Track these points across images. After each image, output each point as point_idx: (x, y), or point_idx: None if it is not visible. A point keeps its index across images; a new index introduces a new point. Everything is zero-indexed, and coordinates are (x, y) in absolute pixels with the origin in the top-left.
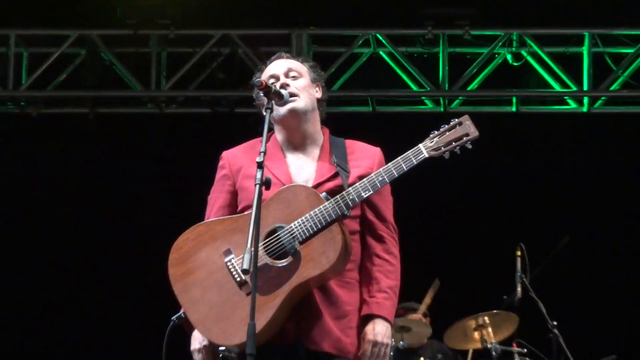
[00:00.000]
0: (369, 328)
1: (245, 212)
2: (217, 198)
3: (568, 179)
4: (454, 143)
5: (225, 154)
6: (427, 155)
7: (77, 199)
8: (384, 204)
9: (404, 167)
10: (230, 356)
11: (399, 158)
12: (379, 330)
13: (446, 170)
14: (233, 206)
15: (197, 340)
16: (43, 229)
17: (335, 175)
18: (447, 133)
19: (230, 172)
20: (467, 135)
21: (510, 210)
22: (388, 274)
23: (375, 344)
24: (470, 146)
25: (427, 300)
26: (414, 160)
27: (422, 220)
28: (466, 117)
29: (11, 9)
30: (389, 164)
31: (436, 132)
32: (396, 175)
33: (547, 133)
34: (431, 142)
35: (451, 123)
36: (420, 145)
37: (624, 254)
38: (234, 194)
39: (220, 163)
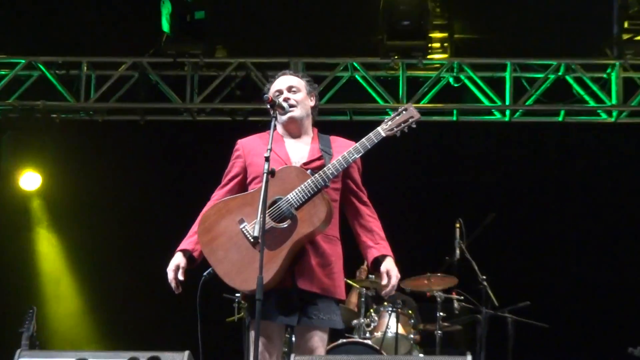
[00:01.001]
0: (389, 265)
1: (251, 190)
2: (230, 171)
3: (494, 170)
4: (402, 124)
5: (240, 141)
6: (384, 135)
7: (132, 186)
8: (360, 177)
9: (368, 145)
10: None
11: (363, 139)
12: (394, 267)
13: (407, 162)
14: (242, 177)
15: (173, 263)
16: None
17: (320, 157)
18: (397, 117)
19: (243, 154)
20: (412, 117)
21: (453, 193)
22: (379, 228)
23: (397, 277)
24: (414, 126)
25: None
26: (375, 140)
27: (387, 199)
28: (410, 104)
29: (83, 42)
30: (357, 143)
31: (389, 117)
32: (362, 152)
33: (479, 136)
34: (386, 125)
35: (399, 109)
36: (379, 128)
37: (535, 227)
38: (244, 169)
39: (235, 147)
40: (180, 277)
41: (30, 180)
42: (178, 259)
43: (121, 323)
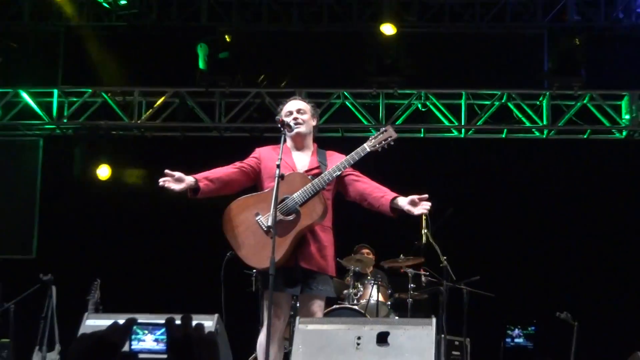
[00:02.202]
0: (403, 200)
1: (265, 190)
2: (243, 161)
3: (454, 175)
4: (383, 142)
5: (258, 149)
6: (369, 150)
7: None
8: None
9: (356, 158)
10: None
11: (352, 153)
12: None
13: (386, 170)
14: (247, 169)
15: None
16: None
17: (318, 167)
18: (380, 136)
19: (259, 158)
20: (390, 136)
21: (422, 191)
22: (378, 185)
23: (418, 197)
24: (392, 143)
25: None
26: (362, 153)
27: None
28: (389, 125)
29: (136, 75)
30: (347, 157)
31: (372, 136)
32: (352, 163)
33: (441, 149)
34: (370, 142)
35: (381, 129)
36: (365, 144)
37: (484, 219)
38: (253, 167)
39: (255, 151)
40: (175, 185)
41: (103, 171)
42: (188, 178)
43: (160, 291)
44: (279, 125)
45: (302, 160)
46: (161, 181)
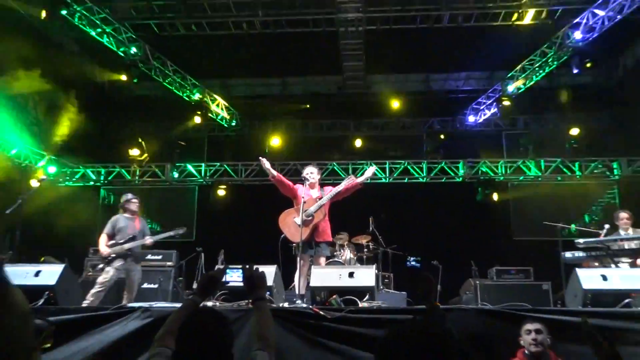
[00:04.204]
0: (367, 172)
1: (297, 207)
2: (289, 182)
3: (384, 197)
4: (348, 182)
5: (297, 185)
6: (341, 187)
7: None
8: (342, 193)
9: (334, 191)
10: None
11: (334, 188)
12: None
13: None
14: (286, 186)
15: (266, 163)
16: None
17: (320, 196)
18: (347, 180)
19: (296, 188)
20: (375, 175)
21: (377, 207)
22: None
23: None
24: (369, 180)
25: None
26: (337, 189)
27: (352, 210)
28: (351, 176)
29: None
30: (333, 189)
31: (346, 179)
32: (334, 192)
33: (373, 189)
34: (343, 183)
35: (348, 177)
36: (351, 175)
37: (402, 219)
38: (291, 189)
39: (295, 185)
40: (266, 163)
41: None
42: (272, 169)
43: (249, 255)
44: (303, 178)
45: (314, 193)
46: (261, 158)
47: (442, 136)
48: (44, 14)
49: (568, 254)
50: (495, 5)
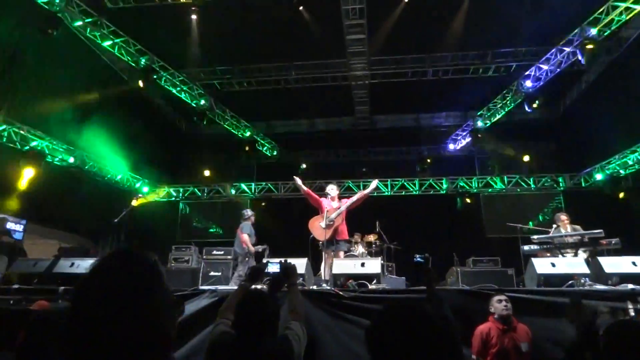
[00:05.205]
0: (372, 185)
1: (323, 214)
2: (315, 194)
3: (382, 207)
4: (365, 194)
5: (322, 198)
6: (365, 192)
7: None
8: (355, 203)
9: (350, 201)
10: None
11: (349, 199)
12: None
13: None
14: (312, 197)
15: (298, 181)
16: None
17: (339, 206)
18: (368, 188)
19: (321, 200)
20: (377, 187)
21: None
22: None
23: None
24: (374, 192)
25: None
26: (352, 199)
27: (364, 218)
28: (375, 180)
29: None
30: (347, 200)
31: (359, 192)
32: (350, 203)
33: (379, 202)
34: (365, 189)
35: (371, 184)
36: (362, 190)
37: (400, 223)
38: (317, 200)
39: (320, 198)
40: (298, 180)
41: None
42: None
43: (285, 251)
44: (326, 193)
45: (334, 204)
46: (295, 178)
47: (429, 160)
48: (141, 83)
49: (526, 247)
50: (465, 63)
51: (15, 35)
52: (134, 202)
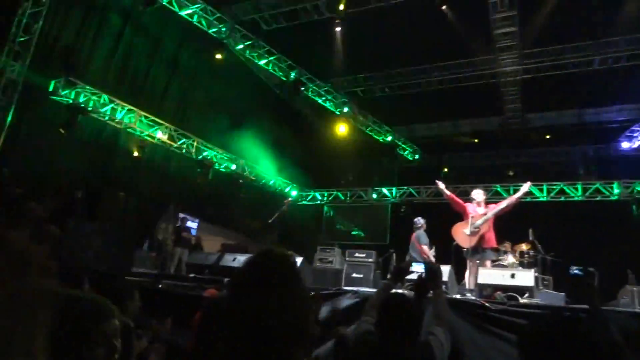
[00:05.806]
0: (523, 188)
1: (466, 220)
2: (464, 202)
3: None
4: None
5: (467, 203)
6: (515, 197)
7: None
8: (503, 209)
9: (498, 208)
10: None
11: (497, 205)
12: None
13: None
14: (462, 205)
15: (441, 185)
16: None
17: (485, 213)
18: (524, 189)
19: (464, 205)
20: (529, 192)
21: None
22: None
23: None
24: (526, 197)
25: None
26: (501, 206)
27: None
28: (527, 184)
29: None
30: (495, 207)
31: (513, 195)
32: (497, 210)
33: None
34: (515, 194)
35: (524, 185)
36: (512, 196)
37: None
38: (462, 206)
39: (465, 203)
40: (441, 184)
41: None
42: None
43: None
44: (472, 198)
45: (480, 210)
46: (437, 182)
47: (595, 161)
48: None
49: None
50: None
51: (193, 61)
52: (284, 206)
